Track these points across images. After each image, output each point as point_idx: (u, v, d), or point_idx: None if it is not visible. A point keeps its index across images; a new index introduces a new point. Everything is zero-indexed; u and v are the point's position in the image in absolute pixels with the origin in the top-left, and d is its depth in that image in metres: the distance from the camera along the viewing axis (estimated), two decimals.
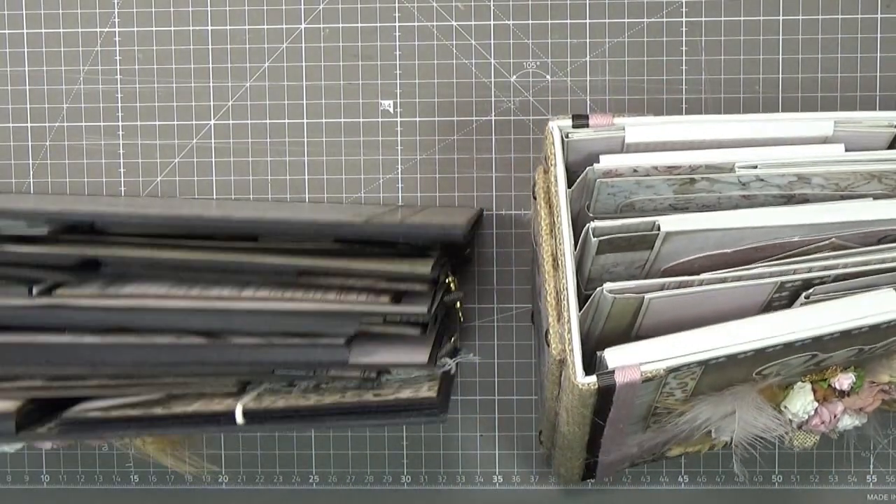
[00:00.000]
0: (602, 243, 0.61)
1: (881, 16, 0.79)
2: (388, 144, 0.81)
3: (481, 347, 0.82)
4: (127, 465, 0.84)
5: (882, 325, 0.58)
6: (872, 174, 0.62)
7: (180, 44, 0.81)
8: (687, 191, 0.63)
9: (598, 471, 0.75)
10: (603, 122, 0.62)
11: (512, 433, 0.83)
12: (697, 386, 0.61)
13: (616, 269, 0.64)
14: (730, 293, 0.60)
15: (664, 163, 0.61)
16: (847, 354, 0.62)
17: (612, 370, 0.57)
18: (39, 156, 0.82)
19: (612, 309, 0.60)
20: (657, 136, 0.62)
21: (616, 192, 0.63)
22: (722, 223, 0.60)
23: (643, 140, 0.62)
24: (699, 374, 0.59)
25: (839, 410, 0.66)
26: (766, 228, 0.61)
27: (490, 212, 0.81)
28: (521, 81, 0.80)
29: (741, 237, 0.61)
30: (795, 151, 0.62)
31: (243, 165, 0.82)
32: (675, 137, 0.62)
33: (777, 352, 0.58)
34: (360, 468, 0.84)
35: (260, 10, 0.81)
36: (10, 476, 0.85)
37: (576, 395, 0.58)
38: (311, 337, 0.64)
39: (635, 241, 0.61)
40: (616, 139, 0.63)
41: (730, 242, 0.61)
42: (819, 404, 0.65)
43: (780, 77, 0.79)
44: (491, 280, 0.82)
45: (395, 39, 0.80)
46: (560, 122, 0.62)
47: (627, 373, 0.57)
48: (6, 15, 0.81)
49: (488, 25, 0.80)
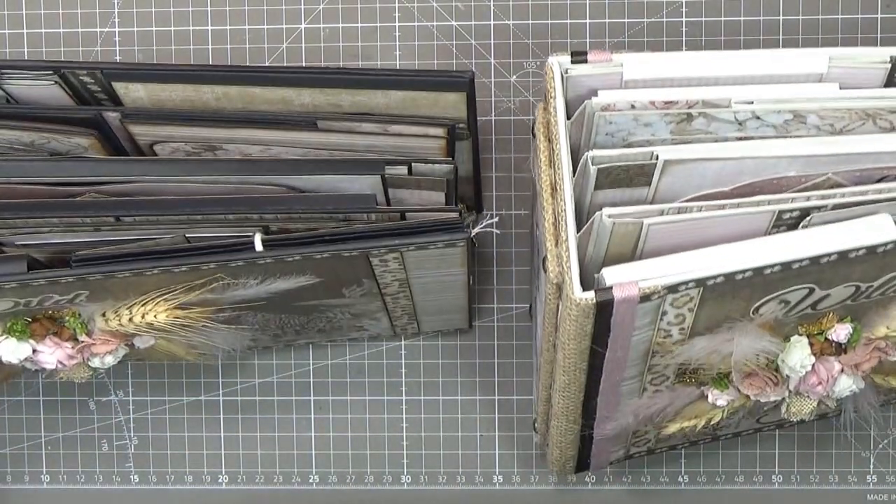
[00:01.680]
0: (600, 174, 0.61)
1: (881, 16, 0.79)
2: None
3: (481, 347, 0.82)
4: (127, 465, 0.84)
5: (879, 249, 0.58)
6: (868, 113, 0.62)
7: (180, 44, 0.81)
8: (684, 130, 0.63)
9: (593, 456, 0.74)
10: (601, 58, 0.63)
11: (512, 433, 0.83)
12: (694, 325, 0.61)
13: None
14: (729, 222, 0.60)
15: (661, 98, 0.62)
16: (845, 294, 0.62)
17: (609, 286, 0.57)
18: None
19: (612, 237, 0.60)
20: (655, 73, 0.63)
21: (614, 132, 0.63)
22: (719, 153, 0.61)
23: (641, 77, 0.63)
24: (697, 302, 0.59)
25: (836, 370, 0.66)
26: (764, 159, 0.61)
27: (490, 212, 0.81)
28: (521, 81, 0.80)
29: (739, 171, 0.62)
30: (791, 89, 0.63)
31: None
32: (672, 73, 0.63)
33: (775, 279, 0.58)
34: (360, 468, 0.84)
35: (260, 10, 0.81)
36: (10, 476, 0.85)
37: (573, 316, 0.58)
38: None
39: (634, 172, 0.62)
40: (615, 76, 0.63)
41: (727, 178, 0.62)
42: (816, 360, 0.65)
43: None
44: (491, 280, 0.82)
45: (395, 39, 0.80)
46: (559, 58, 0.63)
47: (625, 288, 0.57)
48: (6, 15, 0.81)
49: (488, 25, 0.80)
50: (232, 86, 0.65)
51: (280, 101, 0.66)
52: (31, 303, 0.66)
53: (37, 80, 0.65)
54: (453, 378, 0.83)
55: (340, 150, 0.68)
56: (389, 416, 0.83)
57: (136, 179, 0.65)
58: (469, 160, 0.72)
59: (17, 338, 0.69)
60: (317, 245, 0.64)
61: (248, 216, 0.64)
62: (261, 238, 0.63)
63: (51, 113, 0.66)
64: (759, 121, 0.63)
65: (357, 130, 0.66)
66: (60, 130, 0.66)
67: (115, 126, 0.67)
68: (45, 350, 0.69)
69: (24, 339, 0.69)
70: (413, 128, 0.66)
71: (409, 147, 0.68)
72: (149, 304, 0.67)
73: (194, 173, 0.65)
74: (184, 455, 0.84)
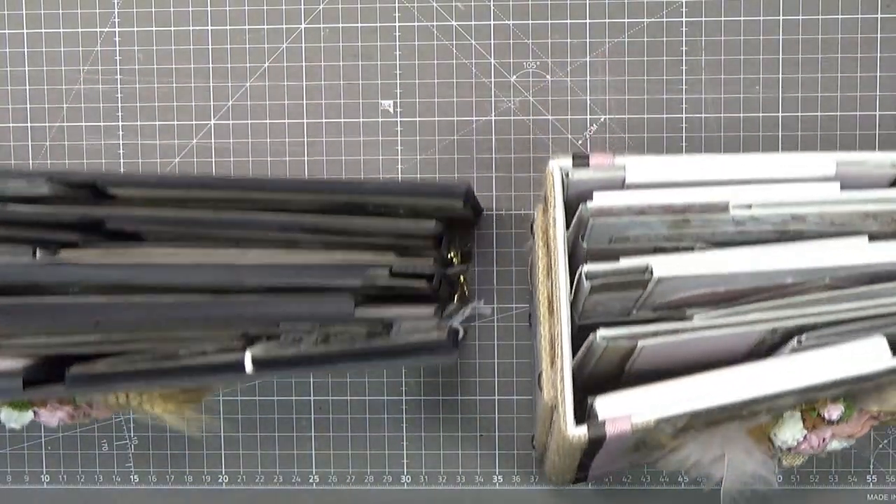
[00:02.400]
0: (594, 287, 0.61)
1: (881, 16, 0.79)
2: (388, 144, 0.81)
3: (481, 347, 0.82)
4: (127, 465, 0.84)
5: (872, 375, 0.58)
6: (868, 214, 0.61)
7: (180, 44, 0.81)
8: (681, 228, 0.63)
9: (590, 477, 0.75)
10: (603, 162, 0.62)
11: (512, 433, 0.83)
12: (687, 423, 0.61)
13: (611, 303, 0.64)
14: (722, 335, 0.60)
15: (658, 202, 0.61)
16: (837, 391, 0.62)
17: (602, 421, 0.57)
18: (39, 156, 0.82)
19: (605, 351, 0.61)
20: (657, 176, 0.62)
21: (611, 230, 0.63)
22: (715, 268, 0.60)
23: (643, 179, 0.62)
24: (689, 416, 0.59)
25: (828, 435, 0.66)
26: (760, 273, 0.61)
27: (490, 212, 0.81)
28: (521, 81, 0.80)
29: (735, 278, 0.61)
30: (791, 190, 0.61)
31: (243, 165, 0.82)
32: (675, 177, 0.62)
33: (768, 399, 0.59)
34: (360, 468, 0.84)
35: (260, 10, 0.81)
36: (10, 476, 0.85)
37: (566, 442, 0.58)
38: (316, 290, 0.63)
39: (628, 283, 0.61)
40: (616, 177, 0.63)
41: (723, 283, 0.62)
42: (808, 432, 0.65)
43: (780, 77, 0.79)
44: (491, 280, 0.82)
45: (395, 39, 0.80)
46: (560, 162, 0.62)
47: (618, 424, 0.57)
48: (6, 15, 0.81)
49: (488, 25, 0.80)
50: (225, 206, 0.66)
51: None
52: None
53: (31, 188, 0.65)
54: (453, 378, 0.83)
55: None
56: (389, 416, 0.83)
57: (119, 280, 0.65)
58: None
59: (19, 410, 0.70)
60: (304, 366, 0.63)
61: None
62: (251, 358, 0.63)
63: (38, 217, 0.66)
64: (757, 220, 0.62)
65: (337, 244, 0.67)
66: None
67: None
68: (47, 414, 0.71)
69: (25, 410, 0.71)
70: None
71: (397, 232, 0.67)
72: (145, 394, 0.69)
73: (175, 278, 0.65)
74: (184, 455, 0.84)
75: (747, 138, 0.80)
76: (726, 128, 0.80)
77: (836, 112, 0.79)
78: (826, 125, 0.80)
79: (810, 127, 0.79)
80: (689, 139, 0.80)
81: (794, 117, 0.80)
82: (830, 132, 0.79)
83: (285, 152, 0.81)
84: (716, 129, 0.80)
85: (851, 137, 0.79)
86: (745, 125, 0.80)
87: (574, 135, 0.80)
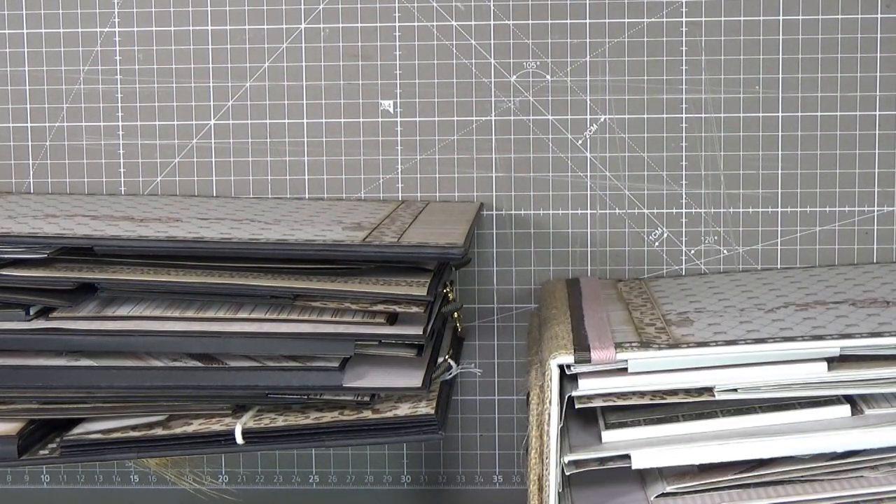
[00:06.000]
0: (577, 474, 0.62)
1: (881, 16, 0.79)
2: (388, 144, 0.81)
3: (481, 347, 0.82)
4: (127, 465, 0.84)
5: None
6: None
7: (180, 44, 0.81)
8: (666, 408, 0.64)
9: None
10: (605, 358, 0.61)
11: (512, 433, 0.83)
12: None
13: None
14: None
15: (641, 389, 0.61)
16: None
17: None
18: (39, 156, 0.82)
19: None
20: (657, 367, 0.62)
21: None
22: (697, 457, 0.61)
23: (644, 370, 0.62)
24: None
25: None
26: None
27: (490, 212, 0.81)
28: (521, 81, 0.80)
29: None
30: (776, 372, 0.61)
31: (243, 165, 0.82)
32: (677, 380, 0.62)
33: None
34: (360, 468, 0.84)
35: (260, 10, 0.81)
36: (10, 476, 0.85)
37: None
38: (305, 360, 0.64)
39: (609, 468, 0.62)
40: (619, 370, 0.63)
41: None
42: None
43: (780, 77, 0.79)
44: (491, 280, 0.82)
45: (395, 39, 0.81)
46: (561, 360, 0.61)
47: None
48: (6, 15, 0.81)
49: (488, 25, 0.80)
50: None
51: None
52: None
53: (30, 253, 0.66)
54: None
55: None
56: None
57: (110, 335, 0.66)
58: None
59: None
60: (295, 440, 0.63)
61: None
62: (241, 431, 0.63)
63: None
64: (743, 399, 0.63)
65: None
66: None
67: None
68: None
69: None
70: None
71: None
72: None
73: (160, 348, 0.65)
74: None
75: (747, 138, 0.80)
76: (726, 128, 0.80)
77: (836, 112, 0.79)
78: (826, 125, 0.80)
79: (810, 127, 0.80)
80: (689, 139, 0.80)
81: (794, 117, 0.80)
82: (830, 132, 0.79)
83: (285, 152, 0.81)
84: (716, 129, 0.80)
85: (851, 137, 0.79)
86: (745, 125, 0.80)
87: (574, 135, 0.80)
